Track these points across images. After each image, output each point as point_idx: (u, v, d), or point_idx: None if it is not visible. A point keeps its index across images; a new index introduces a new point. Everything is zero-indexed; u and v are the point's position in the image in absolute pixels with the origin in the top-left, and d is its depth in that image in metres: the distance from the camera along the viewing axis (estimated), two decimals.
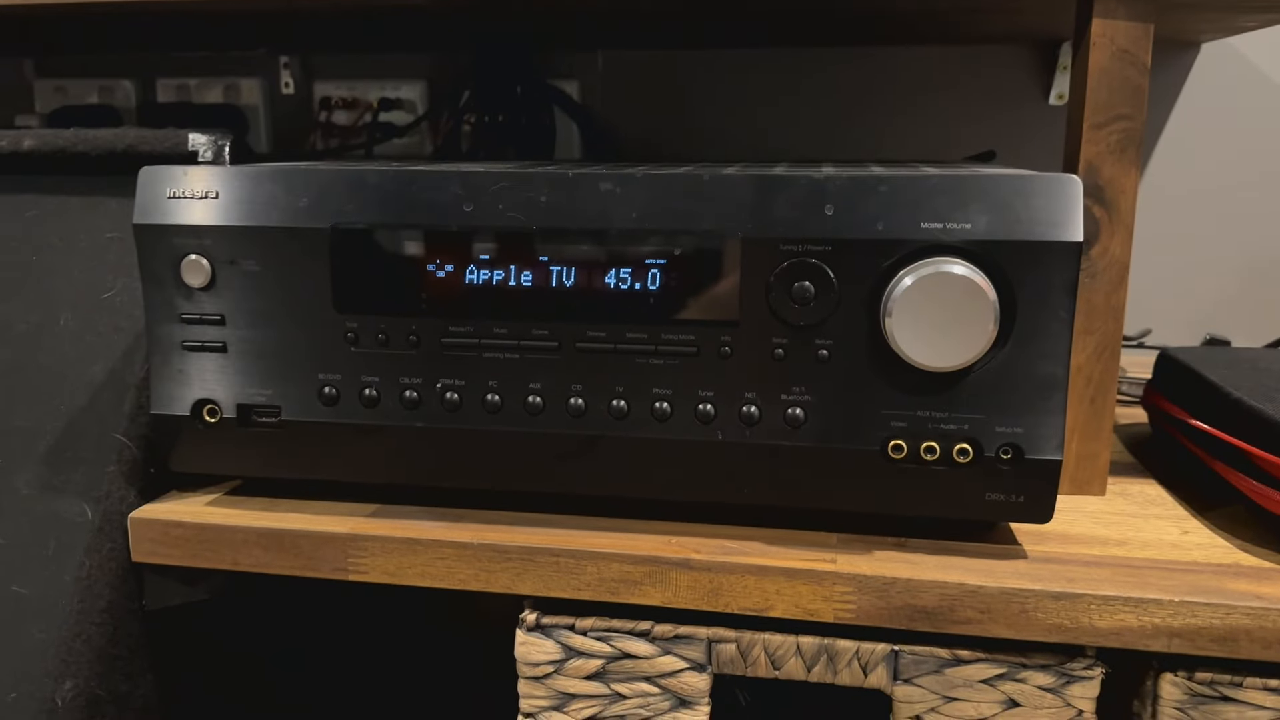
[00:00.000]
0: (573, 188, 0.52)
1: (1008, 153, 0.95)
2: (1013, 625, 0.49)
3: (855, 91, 0.99)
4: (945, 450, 0.50)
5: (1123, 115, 0.56)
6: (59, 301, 0.66)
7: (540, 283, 0.53)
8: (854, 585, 0.50)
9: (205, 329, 0.56)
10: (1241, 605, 0.47)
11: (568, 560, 0.53)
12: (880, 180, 0.49)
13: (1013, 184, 0.48)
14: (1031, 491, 0.50)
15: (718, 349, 0.52)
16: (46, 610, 0.59)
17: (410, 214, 0.53)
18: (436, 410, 0.54)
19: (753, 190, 0.50)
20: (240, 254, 0.54)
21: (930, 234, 0.48)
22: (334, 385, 0.55)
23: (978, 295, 0.47)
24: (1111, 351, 0.58)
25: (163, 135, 0.66)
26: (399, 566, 0.54)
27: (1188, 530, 0.55)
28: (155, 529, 0.58)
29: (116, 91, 1.10)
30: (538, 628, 0.54)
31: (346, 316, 0.54)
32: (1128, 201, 0.57)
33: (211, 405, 0.56)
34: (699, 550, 0.52)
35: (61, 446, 0.63)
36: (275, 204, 0.54)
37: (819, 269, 0.50)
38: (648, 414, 0.53)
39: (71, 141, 0.68)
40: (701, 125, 1.02)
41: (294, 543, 0.55)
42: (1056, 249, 0.48)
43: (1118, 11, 0.55)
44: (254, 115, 1.08)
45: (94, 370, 0.64)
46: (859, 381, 0.50)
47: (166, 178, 0.55)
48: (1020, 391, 0.49)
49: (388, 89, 1.04)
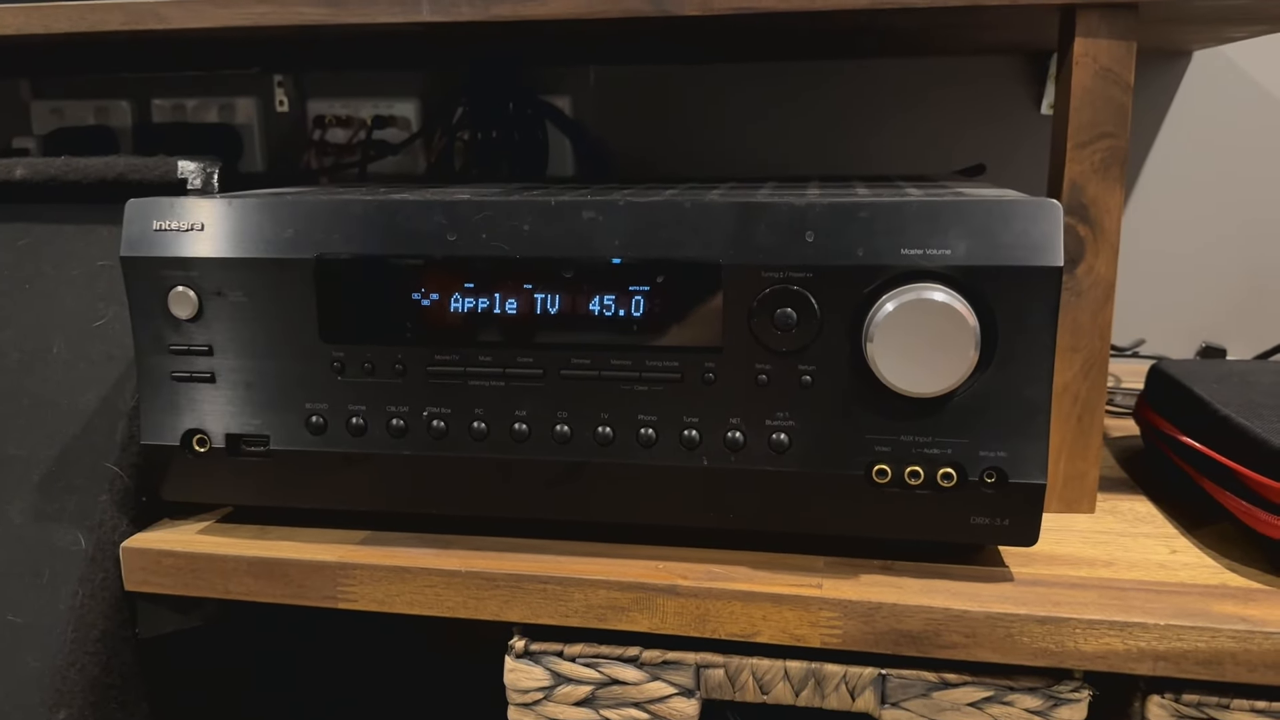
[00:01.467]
0: (555, 216, 0.52)
1: (999, 162, 0.95)
2: (998, 649, 0.49)
3: (846, 103, 0.99)
4: (929, 474, 0.50)
5: (1107, 134, 0.56)
6: (52, 329, 0.66)
7: (524, 311, 0.53)
8: (840, 610, 0.50)
9: (194, 360, 0.56)
10: (1226, 628, 0.47)
11: (555, 587, 0.53)
12: (860, 206, 0.49)
13: (992, 209, 0.48)
14: (1016, 515, 0.50)
15: (701, 375, 0.52)
16: (41, 639, 0.59)
17: (395, 244, 0.53)
18: (423, 438, 0.55)
19: (734, 218, 0.50)
20: (227, 285, 0.55)
21: (910, 260, 0.48)
22: (321, 414, 0.55)
23: (958, 321, 0.47)
24: (1098, 370, 0.58)
25: (152, 163, 0.67)
26: (387, 594, 0.55)
27: (1176, 549, 0.55)
28: (147, 558, 0.58)
29: (112, 112, 1.10)
30: (526, 654, 0.54)
31: (333, 346, 0.55)
32: (1112, 220, 0.57)
33: (201, 435, 0.57)
34: (686, 576, 0.52)
35: (55, 475, 0.63)
36: (261, 235, 0.54)
37: (801, 295, 0.50)
38: (633, 440, 0.53)
39: (62, 170, 0.68)
40: (693, 139, 1.02)
41: (284, 571, 0.56)
42: (1037, 274, 0.48)
43: (1100, 30, 0.55)
44: (249, 134, 1.08)
45: (86, 398, 0.64)
46: (842, 407, 0.51)
47: (153, 210, 0.55)
48: (1003, 416, 0.49)
49: (381, 106, 1.04)
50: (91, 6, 0.65)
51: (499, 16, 0.59)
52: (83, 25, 0.65)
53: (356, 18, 0.61)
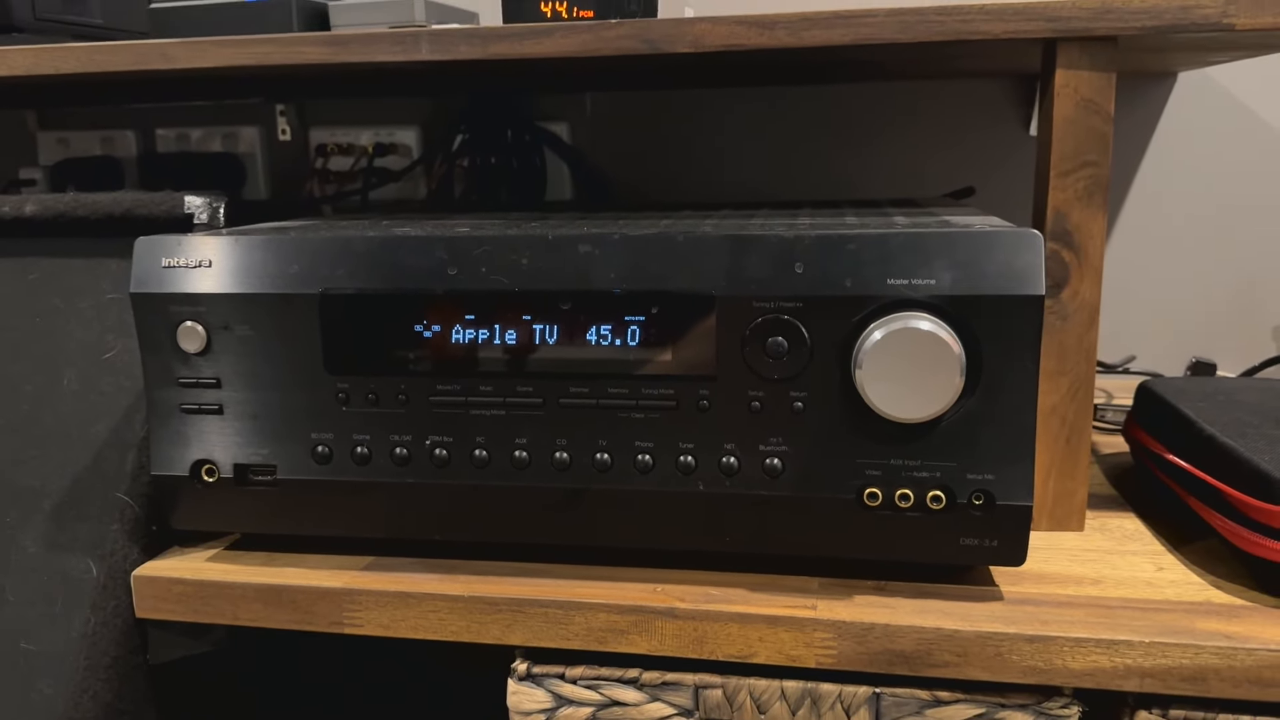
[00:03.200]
0: (553, 250, 0.54)
1: (989, 182, 0.97)
2: (989, 668, 0.50)
3: (838, 125, 1.00)
4: (919, 497, 0.52)
5: (1089, 162, 0.58)
6: (62, 362, 0.68)
7: (524, 342, 0.54)
8: (834, 631, 0.51)
9: (202, 392, 0.58)
10: (1210, 645, 0.48)
11: (556, 611, 0.54)
12: (848, 239, 0.51)
13: (975, 240, 0.50)
14: (1004, 536, 0.52)
15: (696, 402, 0.53)
16: (54, 666, 0.61)
17: (397, 279, 0.55)
18: (426, 466, 0.56)
19: (726, 250, 0.52)
20: (234, 320, 0.56)
21: (897, 290, 0.50)
22: (327, 444, 0.57)
23: (943, 349, 0.49)
24: (1084, 391, 0.59)
25: (159, 198, 0.68)
26: (393, 619, 0.56)
27: (1163, 566, 0.57)
28: (158, 586, 0.59)
29: (118, 142, 1.12)
30: (529, 677, 0.55)
31: (337, 378, 0.56)
32: (1096, 246, 0.58)
33: (210, 465, 0.58)
34: (683, 599, 0.54)
35: (66, 504, 0.65)
36: (267, 271, 0.56)
37: (791, 324, 0.51)
38: (630, 466, 0.54)
39: (71, 206, 0.70)
40: (689, 161, 1.03)
41: (291, 598, 0.57)
42: (1019, 303, 0.49)
43: (1080, 62, 0.57)
44: (252, 162, 1.10)
45: (97, 429, 0.66)
46: (833, 432, 0.52)
47: (162, 247, 0.57)
48: (990, 440, 0.51)
49: (382, 134, 1.06)
50: (99, 47, 0.67)
51: (497, 55, 0.61)
52: (91, 66, 0.67)
53: (357, 57, 0.63)
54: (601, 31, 0.59)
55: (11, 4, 0.78)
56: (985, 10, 0.56)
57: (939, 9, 0.56)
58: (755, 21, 0.58)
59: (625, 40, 0.59)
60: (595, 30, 0.60)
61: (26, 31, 0.80)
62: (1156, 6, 0.54)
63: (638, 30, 0.59)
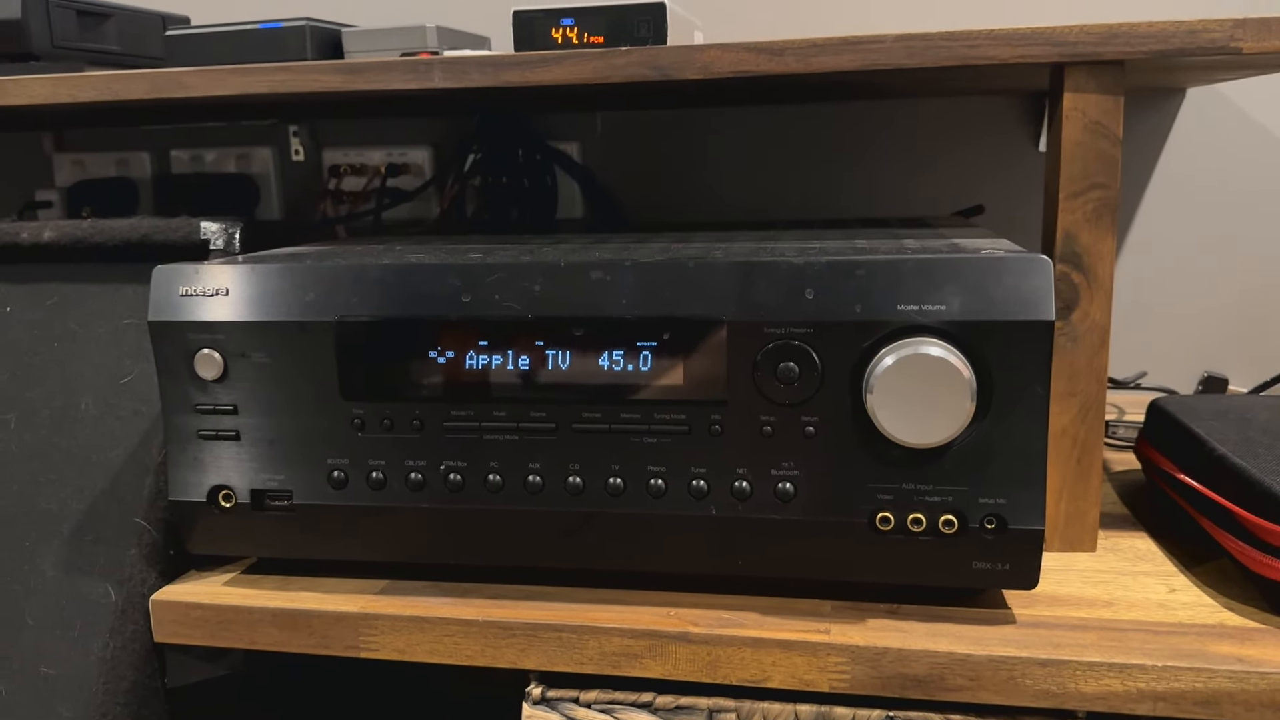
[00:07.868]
0: (565, 277, 0.54)
1: (999, 199, 0.97)
2: (1001, 692, 0.50)
3: (850, 143, 1.01)
4: (931, 521, 0.52)
5: (1098, 184, 0.58)
6: (80, 387, 0.69)
7: (537, 367, 0.55)
8: (847, 655, 0.52)
9: (219, 418, 0.58)
10: (1223, 669, 0.48)
11: (570, 635, 0.55)
12: (857, 265, 0.51)
13: (985, 265, 0.50)
14: (1016, 559, 0.52)
15: (708, 427, 0.54)
16: (73, 691, 0.61)
17: (411, 306, 0.55)
18: (440, 491, 0.57)
19: (737, 277, 0.52)
20: (251, 347, 0.57)
21: (907, 315, 0.50)
22: (342, 469, 0.57)
23: (954, 375, 0.49)
24: (1095, 413, 0.59)
25: (175, 225, 0.69)
26: (408, 644, 0.56)
27: (1175, 588, 0.57)
28: (176, 610, 0.60)
29: (133, 164, 1.13)
30: (543, 701, 0.56)
31: (353, 404, 0.57)
32: (1105, 267, 0.58)
33: (227, 491, 0.59)
34: (696, 623, 0.54)
35: (84, 529, 0.65)
36: (283, 299, 0.57)
37: (802, 350, 0.52)
38: (643, 491, 0.55)
39: (89, 232, 0.71)
40: (699, 180, 1.04)
41: (307, 623, 0.58)
42: (1029, 328, 0.49)
43: (1088, 85, 0.57)
44: (265, 183, 1.11)
45: (115, 454, 0.67)
46: (845, 456, 0.52)
47: (179, 276, 0.58)
48: (1001, 464, 0.51)
49: (394, 154, 1.07)
50: (116, 76, 0.68)
51: (508, 82, 0.61)
52: (108, 94, 0.68)
53: (372, 85, 0.63)
54: (611, 59, 0.60)
55: (30, 33, 0.79)
56: (993, 35, 0.56)
57: (946, 34, 0.57)
58: (764, 48, 0.58)
59: (635, 68, 0.60)
60: (605, 58, 0.60)
61: (44, 59, 0.81)
62: (1164, 30, 0.55)
63: (647, 58, 0.60)
